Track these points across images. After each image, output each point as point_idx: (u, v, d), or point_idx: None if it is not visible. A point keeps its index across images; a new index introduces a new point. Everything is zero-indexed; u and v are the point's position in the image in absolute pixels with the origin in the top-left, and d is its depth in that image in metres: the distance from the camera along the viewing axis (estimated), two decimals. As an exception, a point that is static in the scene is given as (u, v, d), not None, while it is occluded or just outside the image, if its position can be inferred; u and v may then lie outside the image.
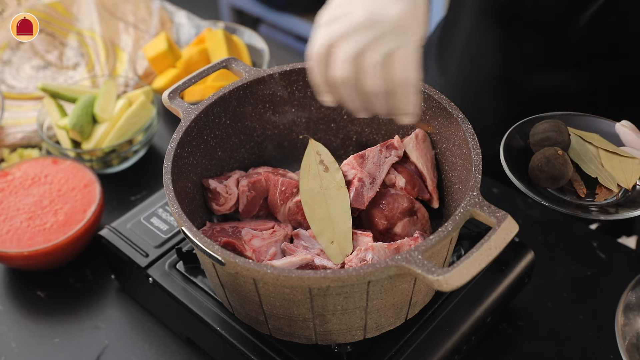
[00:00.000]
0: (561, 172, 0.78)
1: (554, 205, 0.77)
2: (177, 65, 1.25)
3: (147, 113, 1.15)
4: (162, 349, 0.92)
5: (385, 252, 0.76)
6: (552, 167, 0.78)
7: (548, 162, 0.78)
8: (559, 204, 0.77)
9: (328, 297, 0.69)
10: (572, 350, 0.90)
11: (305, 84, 0.89)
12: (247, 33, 1.34)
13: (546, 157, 0.78)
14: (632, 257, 1.02)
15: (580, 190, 0.81)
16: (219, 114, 0.86)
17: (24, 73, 1.34)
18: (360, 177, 0.83)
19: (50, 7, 1.40)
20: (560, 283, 0.98)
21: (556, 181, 0.79)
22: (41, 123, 1.15)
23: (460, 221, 0.68)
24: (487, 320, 0.85)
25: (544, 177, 0.79)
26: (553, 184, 0.79)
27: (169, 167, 0.76)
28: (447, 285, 0.61)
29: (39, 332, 0.95)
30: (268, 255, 0.80)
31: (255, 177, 0.87)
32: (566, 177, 0.79)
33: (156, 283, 0.86)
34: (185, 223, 0.71)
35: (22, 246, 0.95)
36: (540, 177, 0.79)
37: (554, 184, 0.79)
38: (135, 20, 1.41)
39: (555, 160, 0.78)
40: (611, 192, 0.80)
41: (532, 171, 0.80)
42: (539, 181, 0.80)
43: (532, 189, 0.79)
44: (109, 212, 1.09)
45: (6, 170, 1.05)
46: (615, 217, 0.76)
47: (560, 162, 0.77)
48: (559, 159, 0.78)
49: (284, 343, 0.78)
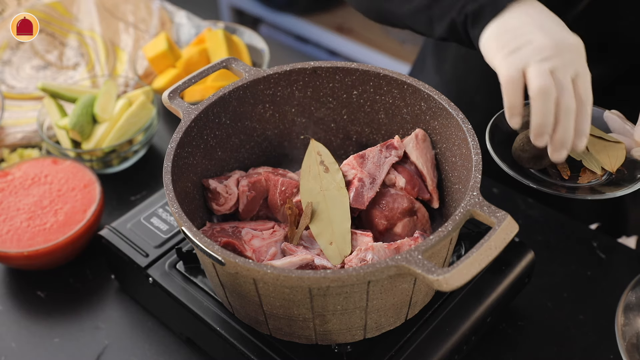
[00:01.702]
0: (543, 151, 0.78)
1: (538, 186, 0.78)
2: (177, 65, 1.25)
3: (147, 113, 1.15)
4: (162, 349, 0.92)
5: (385, 252, 0.76)
6: (534, 146, 0.78)
7: (530, 142, 0.79)
8: (543, 184, 0.79)
9: (328, 297, 0.69)
10: (572, 350, 0.90)
11: (305, 84, 0.89)
12: (247, 33, 1.34)
13: (527, 137, 0.79)
14: (632, 257, 1.02)
15: (564, 172, 0.81)
16: (219, 114, 0.86)
17: (24, 73, 1.34)
18: (360, 177, 0.83)
19: (50, 7, 1.40)
20: (560, 283, 0.98)
21: (538, 160, 0.79)
22: (41, 123, 1.15)
23: (460, 221, 0.68)
24: (487, 320, 0.85)
25: (526, 157, 0.80)
26: (536, 163, 0.80)
27: (169, 167, 0.76)
28: (447, 285, 0.61)
29: (39, 332, 0.95)
30: (268, 255, 0.80)
31: (255, 177, 0.87)
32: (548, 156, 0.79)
33: (156, 283, 0.86)
34: (185, 223, 0.71)
35: (22, 246, 0.95)
36: (522, 156, 0.80)
37: (536, 164, 0.80)
38: (135, 20, 1.41)
39: None
40: (595, 175, 0.81)
41: (515, 151, 0.81)
42: (522, 161, 0.81)
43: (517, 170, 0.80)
44: (109, 212, 1.09)
45: (6, 170, 1.05)
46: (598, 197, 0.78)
47: None
48: None
49: (284, 343, 0.78)
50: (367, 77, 0.88)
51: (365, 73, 0.87)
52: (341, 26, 2.65)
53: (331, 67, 0.88)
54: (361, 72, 0.87)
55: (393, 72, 0.86)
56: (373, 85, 0.88)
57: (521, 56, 0.73)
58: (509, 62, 0.73)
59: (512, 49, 0.73)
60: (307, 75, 0.89)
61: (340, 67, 0.88)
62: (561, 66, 0.72)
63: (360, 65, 0.87)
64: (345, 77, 0.89)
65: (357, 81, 0.89)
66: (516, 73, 0.72)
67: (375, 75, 0.87)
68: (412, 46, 2.53)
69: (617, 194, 0.78)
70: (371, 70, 0.87)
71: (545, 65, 0.71)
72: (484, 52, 0.77)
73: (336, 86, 0.90)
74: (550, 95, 0.71)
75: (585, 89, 0.73)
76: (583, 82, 0.73)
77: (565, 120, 0.72)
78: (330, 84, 0.90)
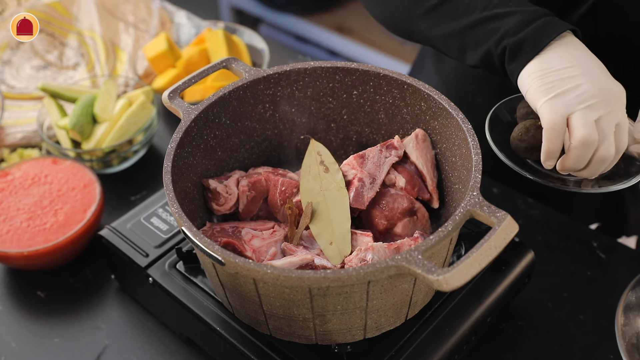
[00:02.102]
0: (540, 142, 0.79)
1: (533, 177, 0.79)
2: (177, 65, 1.25)
3: (147, 113, 1.15)
4: (162, 349, 0.92)
5: (385, 252, 0.76)
6: (532, 136, 0.79)
7: (527, 132, 0.79)
8: (539, 176, 0.80)
9: (328, 297, 0.69)
10: (572, 350, 0.90)
11: (305, 84, 0.89)
12: (247, 33, 1.34)
13: (526, 127, 0.80)
14: (632, 257, 1.02)
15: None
16: (219, 114, 0.86)
17: (24, 73, 1.34)
18: (360, 177, 0.83)
19: (50, 7, 1.40)
20: (560, 283, 0.98)
21: (535, 151, 0.80)
22: (41, 123, 1.15)
23: (460, 221, 0.68)
24: (487, 320, 0.85)
25: (523, 147, 0.80)
26: (532, 154, 0.80)
27: (169, 167, 0.76)
28: (447, 285, 0.61)
29: (39, 332, 0.95)
30: (268, 255, 0.80)
31: (255, 177, 0.87)
32: None
33: (156, 283, 0.86)
34: (185, 223, 0.71)
35: (22, 246, 0.95)
36: (520, 146, 0.81)
37: (533, 155, 0.80)
38: (135, 20, 1.41)
39: (535, 130, 0.79)
40: None
41: (512, 141, 0.82)
42: (520, 151, 0.81)
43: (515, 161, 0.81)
44: (109, 212, 1.09)
45: (6, 170, 1.05)
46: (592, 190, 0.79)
47: (540, 132, 0.78)
48: (538, 128, 0.79)
49: (284, 343, 0.78)
50: (367, 77, 0.88)
51: (365, 73, 0.87)
52: (341, 26, 2.65)
53: (331, 67, 0.88)
54: (361, 72, 0.87)
55: (393, 72, 0.86)
56: (373, 85, 0.88)
57: (567, 102, 0.72)
58: (554, 106, 0.73)
59: (557, 93, 0.73)
60: (307, 75, 0.89)
61: (340, 67, 0.88)
62: (607, 115, 0.72)
63: (360, 65, 0.87)
64: (345, 77, 0.89)
65: (357, 81, 0.89)
66: (560, 119, 0.73)
67: (375, 75, 0.87)
68: (412, 46, 2.53)
69: (612, 188, 0.79)
70: (371, 70, 0.87)
71: (590, 115, 0.71)
72: (522, 89, 0.77)
73: (336, 86, 0.90)
74: (591, 147, 0.72)
75: (623, 139, 0.74)
76: (622, 131, 0.74)
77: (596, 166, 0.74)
78: (330, 84, 0.90)
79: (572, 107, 0.72)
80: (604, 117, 0.72)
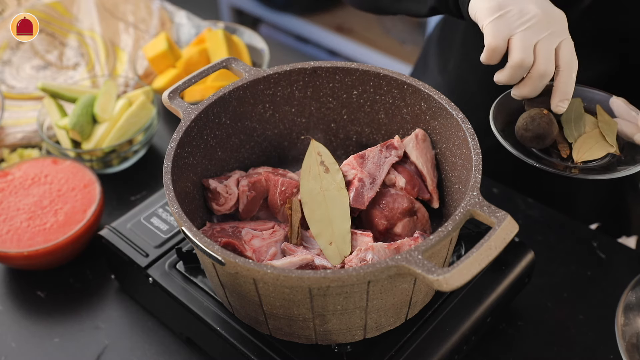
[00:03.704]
0: (546, 131, 0.79)
1: (540, 165, 0.80)
2: (177, 65, 1.25)
3: (147, 113, 1.15)
4: (162, 349, 0.92)
5: (385, 252, 0.76)
6: (537, 125, 0.79)
7: (533, 121, 0.80)
8: (544, 163, 0.80)
9: (328, 297, 0.69)
10: (572, 350, 0.90)
11: (305, 84, 0.89)
12: (247, 33, 1.34)
13: (531, 116, 0.80)
14: (632, 257, 1.02)
15: (563, 151, 0.82)
16: (219, 114, 0.86)
17: (24, 73, 1.34)
18: (360, 177, 0.83)
19: (50, 7, 1.40)
20: (560, 283, 0.98)
21: (541, 140, 0.80)
22: (41, 123, 1.15)
23: (460, 221, 0.68)
24: (487, 320, 0.85)
25: (529, 136, 0.80)
26: (538, 143, 0.81)
27: (169, 167, 0.76)
28: (447, 285, 0.61)
29: (39, 332, 0.95)
30: (268, 255, 0.80)
31: (255, 177, 0.87)
32: (551, 135, 0.80)
33: (156, 283, 0.86)
34: (185, 223, 0.71)
35: (22, 246, 0.95)
36: (525, 135, 0.81)
37: (539, 143, 0.81)
38: (135, 20, 1.41)
39: (540, 119, 0.80)
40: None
41: (518, 130, 0.82)
42: (525, 140, 0.81)
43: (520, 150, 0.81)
44: (109, 212, 1.09)
45: (6, 170, 1.05)
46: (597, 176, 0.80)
47: (545, 120, 0.79)
48: (544, 117, 0.79)
49: (284, 343, 0.78)
50: (367, 77, 0.88)
51: (365, 73, 0.87)
52: (341, 26, 2.65)
53: (331, 67, 0.88)
54: (361, 72, 0.87)
55: (393, 72, 0.86)
56: (373, 85, 0.88)
57: (509, 23, 0.76)
58: (497, 28, 0.77)
59: (501, 14, 0.77)
60: (307, 75, 0.89)
61: (340, 67, 0.88)
62: (548, 36, 0.76)
63: (360, 65, 0.88)
64: (345, 77, 0.89)
65: (357, 81, 0.89)
66: (502, 43, 0.77)
67: (375, 75, 0.87)
68: (412, 46, 2.53)
69: (616, 175, 0.79)
70: (371, 70, 0.87)
71: (530, 37, 0.75)
72: (472, 14, 0.80)
73: (336, 86, 0.90)
74: (525, 69, 0.76)
75: (569, 53, 0.77)
76: (567, 48, 0.77)
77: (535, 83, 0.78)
78: (330, 84, 0.90)
79: (513, 29, 0.76)
80: (544, 39, 0.76)
